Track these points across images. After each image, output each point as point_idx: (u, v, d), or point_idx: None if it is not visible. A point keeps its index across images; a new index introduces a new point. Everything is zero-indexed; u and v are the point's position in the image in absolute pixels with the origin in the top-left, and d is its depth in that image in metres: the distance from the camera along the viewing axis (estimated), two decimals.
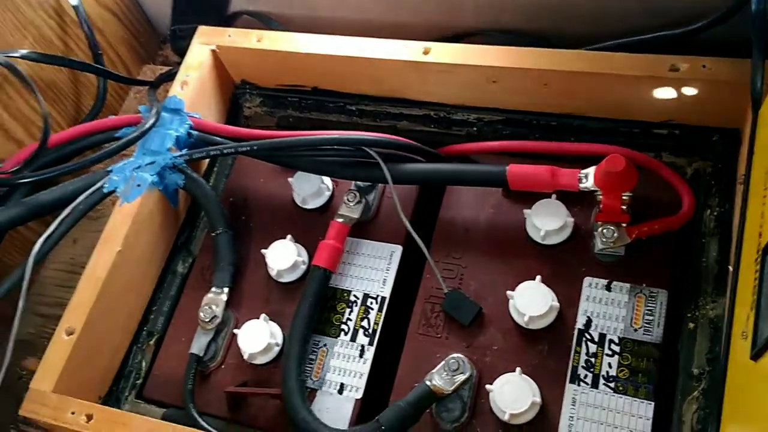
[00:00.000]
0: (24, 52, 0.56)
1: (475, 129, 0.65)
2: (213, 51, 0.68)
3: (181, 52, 0.76)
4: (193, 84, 0.67)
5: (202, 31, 0.68)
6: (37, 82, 0.63)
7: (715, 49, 0.54)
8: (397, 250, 0.61)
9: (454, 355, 0.54)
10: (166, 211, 0.65)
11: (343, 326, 0.59)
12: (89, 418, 0.53)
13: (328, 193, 0.64)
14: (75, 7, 0.65)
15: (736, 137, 0.56)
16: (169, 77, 0.74)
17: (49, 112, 0.56)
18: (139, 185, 0.61)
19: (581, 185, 0.55)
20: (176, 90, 0.66)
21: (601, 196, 0.54)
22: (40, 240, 0.57)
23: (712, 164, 0.58)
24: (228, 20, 0.74)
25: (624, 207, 0.54)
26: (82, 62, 0.67)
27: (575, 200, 0.58)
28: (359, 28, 0.64)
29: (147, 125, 0.61)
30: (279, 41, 0.66)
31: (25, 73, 0.55)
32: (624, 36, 0.58)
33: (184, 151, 0.63)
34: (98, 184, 0.61)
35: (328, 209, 0.64)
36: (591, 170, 0.55)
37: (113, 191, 0.61)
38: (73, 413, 0.53)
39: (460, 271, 0.59)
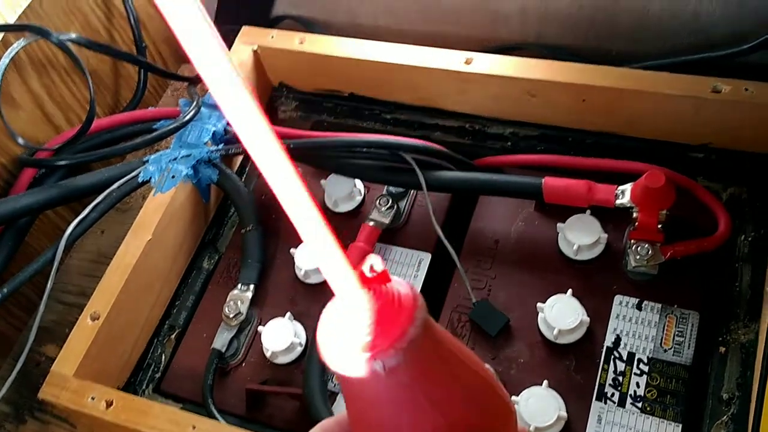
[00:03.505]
0: (73, 36, 0.57)
1: (509, 144, 0.65)
2: (254, 51, 0.68)
3: None
4: None
5: (246, 31, 0.69)
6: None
7: (757, 72, 0.54)
8: (426, 257, 0.61)
9: None
10: (197, 205, 0.65)
11: None
12: (109, 404, 0.52)
13: (359, 198, 0.65)
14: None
15: None
16: None
17: (95, 99, 0.56)
18: (173, 177, 0.62)
19: (617, 201, 0.55)
20: None
21: (637, 213, 0.54)
22: (73, 223, 0.57)
23: (747, 189, 0.58)
24: (272, 23, 0.75)
25: (660, 225, 0.54)
26: (127, 53, 0.68)
27: (608, 218, 0.57)
28: (401, 38, 0.65)
29: (186, 118, 0.62)
30: (321, 44, 0.66)
31: (78, 56, 0.56)
32: (665, 56, 0.58)
33: (220, 146, 0.63)
34: (133, 173, 0.61)
35: (358, 214, 0.64)
36: (628, 186, 0.54)
37: (148, 181, 0.62)
38: (92, 399, 0.53)
39: (488, 282, 0.59)
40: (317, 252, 0.23)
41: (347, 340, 0.24)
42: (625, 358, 0.53)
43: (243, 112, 0.20)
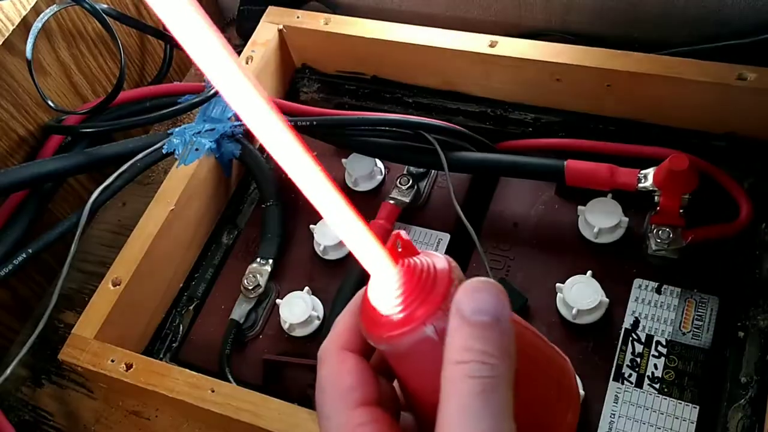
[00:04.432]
0: (104, 6, 0.58)
1: (531, 129, 0.66)
2: (280, 31, 0.69)
3: (245, 34, 0.77)
4: (257, 61, 0.68)
5: (272, 10, 0.70)
6: (109, 40, 0.65)
7: None
8: (445, 237, 0.61)
9: None
10: (219, 179, 0.65)
11: None
12: (129, 366, 0.53)
13: (380, 177, 0.65)
14: None
15: None
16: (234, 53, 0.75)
17: (125, 66, 0.57)
18: (197, 150, 0.62)
19: (640, 185, 0.55)
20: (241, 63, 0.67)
21: (659, 197, 0.54)
22: (98, 190, 0.58)
23: None
24: (297, 4, 0.76)
25: (681, 210, 0.54)
26: (155, 28, 0.69)
27: (629, 202, 0.58)
28: (425, 22, 0.65)
29: (212, 92, 0.63)
30: (346, 25, 0.67)
31: (112, 25, 0.56)
32: (692, 44, 0.59)
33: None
34: (158, 144, 0.62)
35: (378, 193, 0.65)
36: (650, 170, 0.55)
37: (172, 153, 0.62)
38: (112, 361, 0.53)
39: (507, 262, 0.59)
40: (347, 238, 0.24)
41: (391, 316, 0.25)
42: (643, 340, 0.53)
43: (251, 107, 0.20)
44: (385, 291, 0.25)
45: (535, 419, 0.27)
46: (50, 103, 0.57)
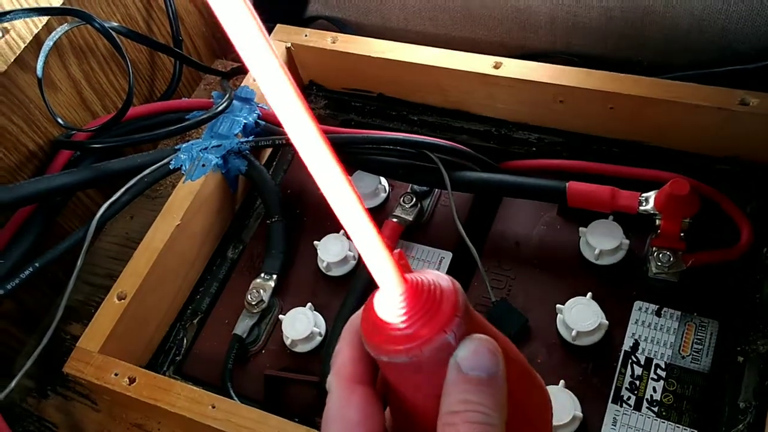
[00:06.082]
0: (114, 24, 0.59)
1: (534, 149, 0.66)
2: (288, 49, 0.70)
3: None
4: None
5: (280, 28, 0.71)
6: (118, 57, 0.66)
7: None
8: (447, 256, 0.62)
9: None
10: (225, 195, 0.66)
11: None
12: (132, 380, 0.54)
13: (384, 195, 0.66)
14: None
15: None
16: (241, 71, 0.77)
17: (133, 84, 0.58)
18: (203, 165, 0.63)
19: (641, 208, 0.55)
20: (248, 81, 0.68)
21: (660, 220, 0.54)
22: (105, 205, 0.59)
23: None
24: (305, 23, 0.77)
25: (682, 233, 0.54)
26: (164, 44, 0.70)
27: (631, 224, 0.58)
28: (431, 42, 0.66)
29: (219, 108, 0.63)
30: (353, 44, 0.68)
31: (121, 44, 0.57)
32: (696, 68, 0.59)
33: (250, 138, 0.65)
34: (165, 160, 0.63)
35: (382, 211, 0.65)
36: (652, 194, 0.55)
37: (179, 168, 0.63)
38: (116, 374, 0.54)
39: (508, 282, 0.59)
40: (365, 251, 0.24)
41: (406, 328, 0.25)
42: (642, 362, 0.53)
43: (294, 116, 0.20)
44: (396, 305, 0.26)
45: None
46: (59, 120, 0.58)
